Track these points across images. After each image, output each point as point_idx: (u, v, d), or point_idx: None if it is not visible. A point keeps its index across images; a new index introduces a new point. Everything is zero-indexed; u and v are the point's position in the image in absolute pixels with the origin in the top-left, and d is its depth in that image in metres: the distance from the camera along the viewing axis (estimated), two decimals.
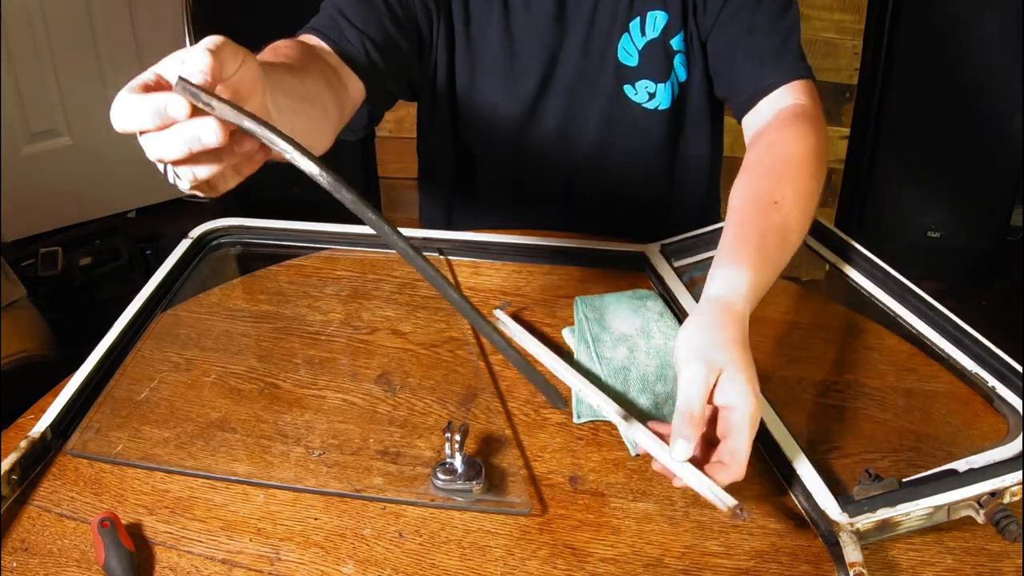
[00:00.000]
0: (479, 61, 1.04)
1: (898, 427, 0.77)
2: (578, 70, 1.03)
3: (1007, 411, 0.77)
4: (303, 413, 0.79)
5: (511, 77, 1.04)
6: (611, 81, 1.04)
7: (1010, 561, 0.64)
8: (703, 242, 1.00)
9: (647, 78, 1.03)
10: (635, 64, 1.02)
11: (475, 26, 1.02)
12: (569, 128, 1.07)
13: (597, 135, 1.07)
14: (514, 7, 1.01)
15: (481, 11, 1.02)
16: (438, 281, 0.59)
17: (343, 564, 0.64)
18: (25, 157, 2.42)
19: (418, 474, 0.72)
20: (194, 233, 1.02)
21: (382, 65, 0.93)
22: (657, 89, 1.03)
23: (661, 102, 1.04)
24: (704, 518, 0.68)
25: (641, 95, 1.04)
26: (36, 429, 0.74)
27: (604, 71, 1.03)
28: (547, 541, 0.66)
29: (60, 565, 0.64)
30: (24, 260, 2.08)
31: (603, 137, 1.07)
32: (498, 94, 1.05)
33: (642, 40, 1.01)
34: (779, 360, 0.86)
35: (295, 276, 0.99)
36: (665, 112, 1.05)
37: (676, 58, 1.02)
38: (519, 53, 1.03)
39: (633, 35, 1.01)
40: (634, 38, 1.01)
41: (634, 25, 1.01)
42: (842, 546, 0.62)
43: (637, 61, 1.02)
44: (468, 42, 1.03)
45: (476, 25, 1.02)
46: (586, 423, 0.77)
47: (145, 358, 0.85)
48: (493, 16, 1.01)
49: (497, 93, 1.05)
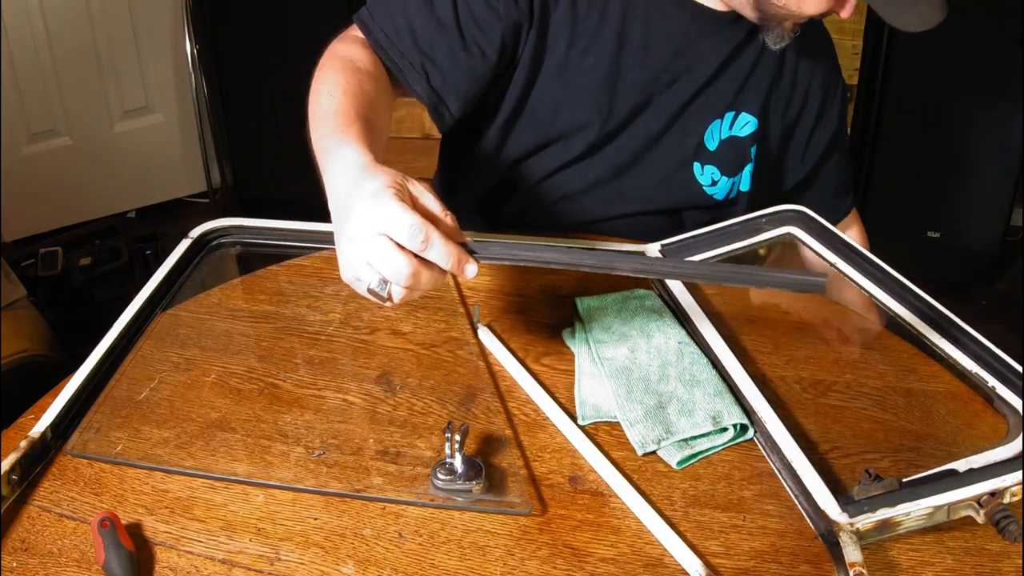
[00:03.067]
0: (573, 86, 1.01)
1: (898, 427, 0.77)
2: (665, 126, 1.04)
3: (1007, 411, 0.77)
4: (303, 413, 0.79)
5: (603, 109, 1.02)
6: (688, 152, 1.05)
7: (1010, 561, 0.64)
8: (703, 242, 1.00)
9: (717, 166, 1.06)
10: (713, 149, 1.05)
11: (578, 51, 1.00)
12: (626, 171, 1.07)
13: (648, 188, 1.08)
14: (629, 47, 1.00)
15: (590, 39, 0.99)
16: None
17: (343, 564, 0.64)
18: (25, 157, 2.42)
19: (418, 474, 0.72)
20: (194, 233, 1.02)
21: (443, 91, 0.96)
22: (721, 180, 1.07)
23: (718, 193, 1.08)
24: (704, 518, 0.68)
25: (706, 178, 1.07)
26: (36, 429, 0.74)
27: (686, 140, 1.05)
28: (547, 541, 0.66)
29: (60, 565, 0.64)
30: (24, 260, 2.08)
31: (653, 192, 1.08)
32: (590, 123, 1.03)
33: (728, 133, 1.05)
34: (779, 360, 0.86)
35: (295, 276, 0.99)
36: (715, 201, 1.09)
37: (748, 166, 1.07)
38: (619, 91, 1.01)
39: (725, 124, 1.05)
40: (724, 127, 1.05)
41: (728, 116, 1.04)
42: (842, 546, 0.62)
43: (716, 147, 1.05)
44: (565, 64, 1.00)
45: (580, 50, 1.00)
46: (587, 424, 0.77)
47: (145, 358, 0.85)
48: (603, 49, 0.99)
49: (589, 122, 1.03)
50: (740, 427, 0.75)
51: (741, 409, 0.76)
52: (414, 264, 0.64)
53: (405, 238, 0.63)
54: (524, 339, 0.88)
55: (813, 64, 1.08)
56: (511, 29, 0.96)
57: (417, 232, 0.63)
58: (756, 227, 1.02)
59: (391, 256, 0.63)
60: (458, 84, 0.96)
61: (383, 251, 0.63)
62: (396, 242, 0.63)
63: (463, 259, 0.66)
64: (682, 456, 0.72)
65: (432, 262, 0.65)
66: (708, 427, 0.74)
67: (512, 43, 0.98)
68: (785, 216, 1.02)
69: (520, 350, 0.86)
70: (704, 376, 0.79)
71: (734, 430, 0.75)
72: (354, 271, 0.67)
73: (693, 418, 0.75)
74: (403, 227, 0.63)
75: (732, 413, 0.75)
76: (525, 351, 0.86)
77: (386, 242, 0.63)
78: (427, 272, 0.65)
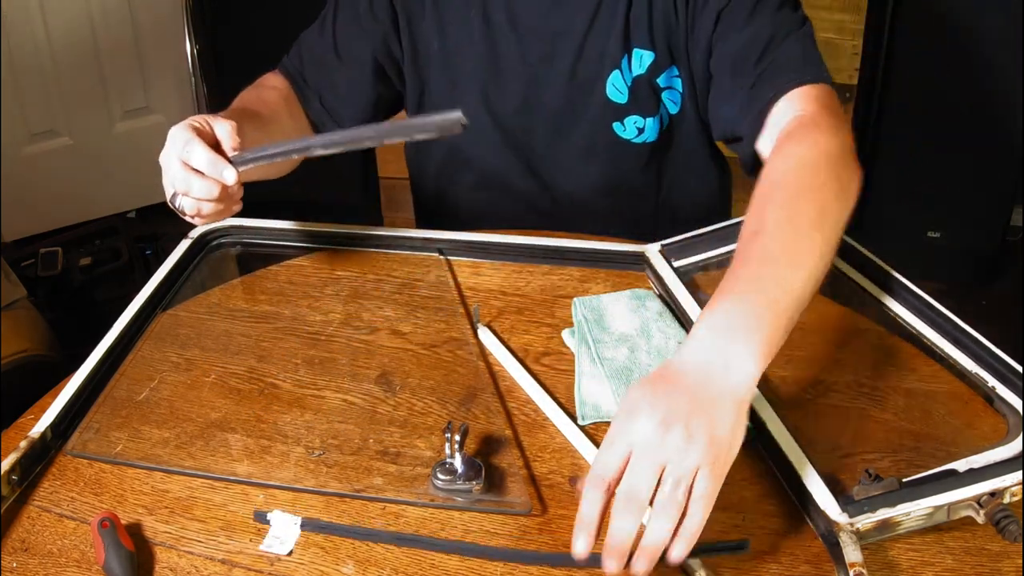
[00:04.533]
0: (458, 77, 1.04)
1: (898, 427, 0.77)
2: (563, 95, 1.03)
3: (1007, 411, 0.77)
4: (303, 413, 0.79)
5: (494, 93, 1.04)
6: (599, 116, 1.03)
7: (1010, 561, 0.64)
8: (703, 242, 1.00)
9: (636, 114, 1.03)
10: (624, 101, 1.02)
11: (452, 42, 1.02)
12: (553, 151, 1.07)
13: (581, 163, 1.07)
14: (497, 24, 1.01)
15: (459, 27, 1.01)
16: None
17: (343, 564, 0.64)
18: (25, 157, 2.42)
19: (418, 474, 0.72)
20: (194, 233, 1.02)
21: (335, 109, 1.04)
22: (646, 124, 1.04)
23: (648, 136, 1.05)
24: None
25: (630, 131, 1.04)
26: (36, 429, 0.74)
27: (591, 105, 1.03)
28: (547, 541, 0.66)
29: (60, 565, 0.64)
30: (24, 260, 2.08)
31: (587, 166, 1.07)
32: (480, 109, 1.04)
33: (630, 76, 1.01)
34: (779, 360, 0.85)
35: (295, 276, 0.99)
36: (652, 143, 1.05)
37: (664, 94, 1.03)
38: (503, 69, 1.02)
39: (624, 72, 1.01)
40: (624, 75, 1.01)
41: (623, 63, 1.01)
42: (842, 546, 0.62)
43: (627, 98, 1.02)
44: (444, 58, 1.03)
45: (453, 41, 1.02)
46: (587, 424, 0.77)
47: (145, 358, 0.85)
48: (474, 32, 1.01)
49: (480, 108, 1.04)
50: None
51: None
52: (184, 170, 0.76)
53: (178, 148, 0.77)
54: (524, 339, 0.88)
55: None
56: (379, 41, 1.03)
57: (186, 144, 0.76)
58: None
59: (171, 166, 0.77)
60: (346, 101, 1.05)
61: (167, 163, 0.77)
62: (176, 155, 0.76)
63: (219, 165, 0.76)
64: None
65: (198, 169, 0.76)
66: None
67: (385, 54, 1.04)
68: None
69: (520, 350, 0.86)
70: None
71: None
72: (165, 190, 0.80)
73: None
74: (178, 141, 0.77)
75: None
76: (525, 351, 0.86)
77: (170, 156, 0.77)
78: (196, 179, 0.76)
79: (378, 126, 0.84)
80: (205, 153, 0.76)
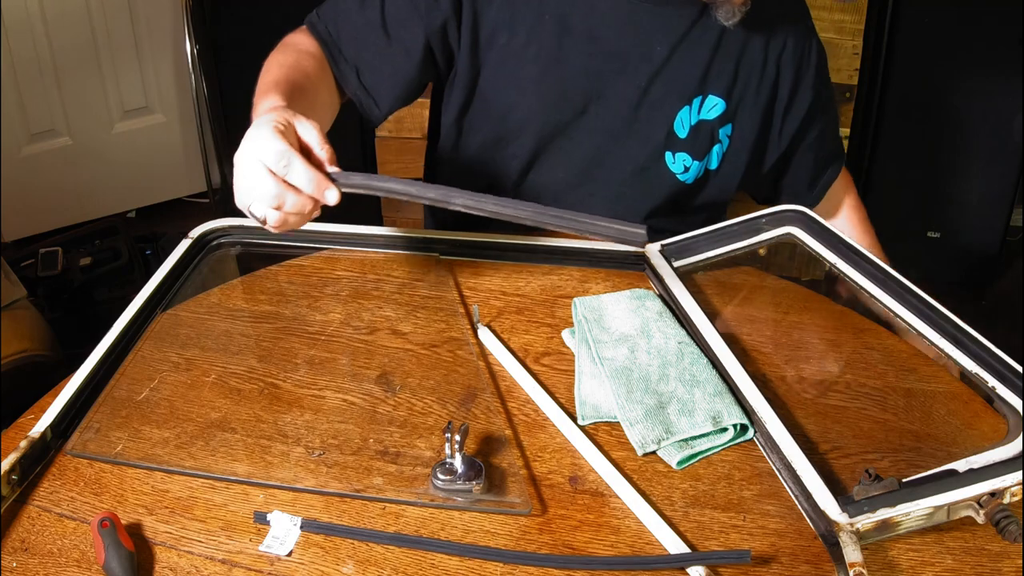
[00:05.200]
0: (519, 76, 1.01)
1: (898, 427, 0.77)
2: (626, 116, 1.03)
3: (1007, 411, 0.77)
4: (303, 413, 0.79)
5: (552, 99, 1.02)
6: (658, 143, 1.04)
7: (1010, 561, 0.64)
8: (703, 242, 1.00)
9: (688, 152, 1.05)
10: (684, 136, 1.04)
11: (520, 40, 1.00)
12: (598, 167, 1.06)
13: (622, 183, 1.07)
14: (572, 33, 0.99)
15: (531, 27, 0.99)
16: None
17: (343, 564, 0.64)
18: (25, 157, 2.42)
19: (418, 474, 0.72)
20: (194, 233, 1.02)
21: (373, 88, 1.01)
22: (692, 165, 1.06)
23: (689, 177, 1.07)
24: (704, 518, 0.68)
25: (678, 166, 1.06)
26: (36, 429, 0.74)
27: (654, 130, 1.04)
28: (547, 541, 0.66)
29: (60, 565, 0.64)
30: (24, 260, 2.08)
31: (627, 187, 1.07)
32: (536, 112, 1.03)
33: (696, 117, 1.04)
34: (779, 360, 0.86)
35: (295, 276, 0.99)
36: (688, 186, 1.08)
37: (715, 147, 1.06)
38: (567, 79, 1.01)
39: (692, 111, 1.03)
40: (692, 115, 1.03)
41: (696, 101, 1.03)
42: (842, 546, 0.62)
43: (686, 135, 1.04)
44: (509, 54, 1.00)
45: (521, 39, 1.00)
46: (587, 424, 0.77)
47: (145, 358, 0.85)
48: (545, 35, 0.99)
49: (536, 111, 1.03)
50: (740, 427, 0.75)
51: (741, 409, 0.76)
52: (280, 186, 0.73)
53: (272, 162, 0.72)
54: (524, 339, 0.88)
55: (783, 36, 1.04)
56: (436, 28, 0.99)
57: (281, 157, 0.72)
58: (756, 227, 1.02)
59: (261, 179, 0.72)
60: (386, 82, 1.01)
61: (256, 174, 0.73)
62: (267, 167, 0.72)
63: (323, 184, 0.74)
64: (682, 456, 0.72)
65: (296, 186, 0.73)
66: (708, 427, 0.74)
67: (440, 42, 1.00)
68: (785, 216, 1.02)
69: (520, 350, 0.86)
70: (704, 376, 0.79)
71: (734, 430, 0.75)
72: (241, 197, 0.76)
73: (693, 418, 0.75)
74: (270, 153, 0.72)
75: (732, 413, 0.75)
76: (525, 351, 0.86)
77: (259, 166, 0.72)
78: (292, 195, 0.74)
79: (545, 209, 0.79)
80: (306, 171, 0.73)
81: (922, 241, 2.28)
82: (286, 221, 0.76)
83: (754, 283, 1.00)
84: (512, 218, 0.77)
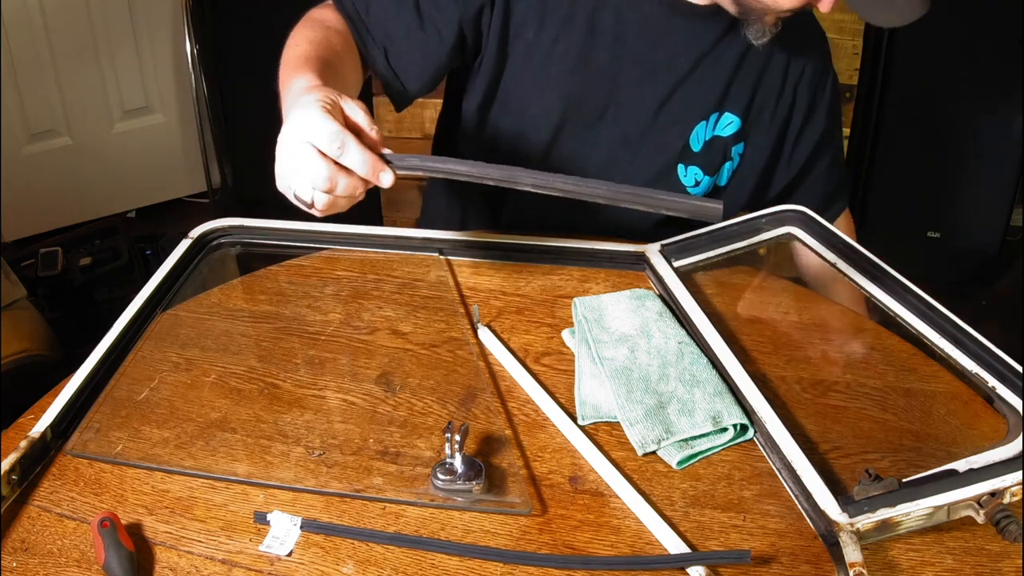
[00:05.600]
0: (544, 72, 1.01)
1: (898, 427, 0.77)
2: (644, 124, 1.03)
3: (1007, 411, 0.77)
4: (303, 413, 0.79)
5: (575, 99, 1.02)
6: (672, 155, 1.04)
7: (1010, 561, 0.64)
8: (703, 242, 1.00)
9: (700, 167, 1.05)
10: (697, 151, 1.04)
11: (548, 36, 0.99)
12: (612, 172, 1.06)
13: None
14: (600, 35, 0.99)
15: (560, 24, 0.98)
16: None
17: (343, 564, 0.64)
18: (25, 157, 2.42)
19: (418, 474, 0.72)
20: (194, 233, 1.02)
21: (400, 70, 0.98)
22: (703, 180, 1.06)
23: (699, 192, 1.07)
24: (704, 518, 0.68)
25: (689, 179, 1.06)
26: (36, 429, 0.74)
27: (670, 141, 1.04)
28: (547, 541, 0.66)
29: (60, 565, 0.64)
30: (24, 260, 2.08)
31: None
32: (557, 109, 1.03)
33: (711, 133, 1.04)
34: (779, 360, 0.86)
35: (295, 276, 0.99)
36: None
37: (727, 164, 1.07)
38: (590, 79, 1.01)
39: (708, 126, 1.04)
40: (707, 130, 1.04)
41: (712, 118, 1.03)
42: (842, 546, 0.62)
43: (700, 149, 1.04)
44: (535, 49, 1.00)
45: (549, 35, 0.99)
46: (587, 424, 0.77)
47: (145, 358, 0.85)
48: (573, 35, 0.98)
49: (557, 109, 1.03)
50: (740, 427, 0.75)
51: (741, 409, 0.76)
52: (332, 169, 0.69)
53: (324, 144, 0.69)
54: (524, 339, 0.88)
55: (803, 61, 1.05)
56: (471, 14, 0.97)
57: (335, 138, 0.69)
58: (756, 227, 1.02)
59: (312, 161, 0.69)
60: (415, 65, 0.99)
61: (305, 156, 0.69)
62: (318, 149, 0.69)
63: (378, 167, 0.71)
64: (682, 456, 0.72)
65: (350, 169, 0.70)
66: (708, 427, 0.74)
67: (473, 28, 0.99)
68: (785, 216, 1.02)
69: (520, 350, 0.86)
70: (704, 376, 0.79)
71: (734, 430, 0.75)
72: (285, 180, 0.72)
73: (693, 418, 0.75)
74: (323, 134, 0.68)
75: (732, 413, 0.75)
76: (525, 351, 0.86)
77: (309, 148, 0.69)
78: (345, 178, 0.70)
79: (619, 186, 0.74)
80: (361, 154, 0.70)
81: (922, 241, 2.28)
82: (335, 204, 0.73)
83: (754, 283, 1.00)
84: (587, 197, 0.74)
